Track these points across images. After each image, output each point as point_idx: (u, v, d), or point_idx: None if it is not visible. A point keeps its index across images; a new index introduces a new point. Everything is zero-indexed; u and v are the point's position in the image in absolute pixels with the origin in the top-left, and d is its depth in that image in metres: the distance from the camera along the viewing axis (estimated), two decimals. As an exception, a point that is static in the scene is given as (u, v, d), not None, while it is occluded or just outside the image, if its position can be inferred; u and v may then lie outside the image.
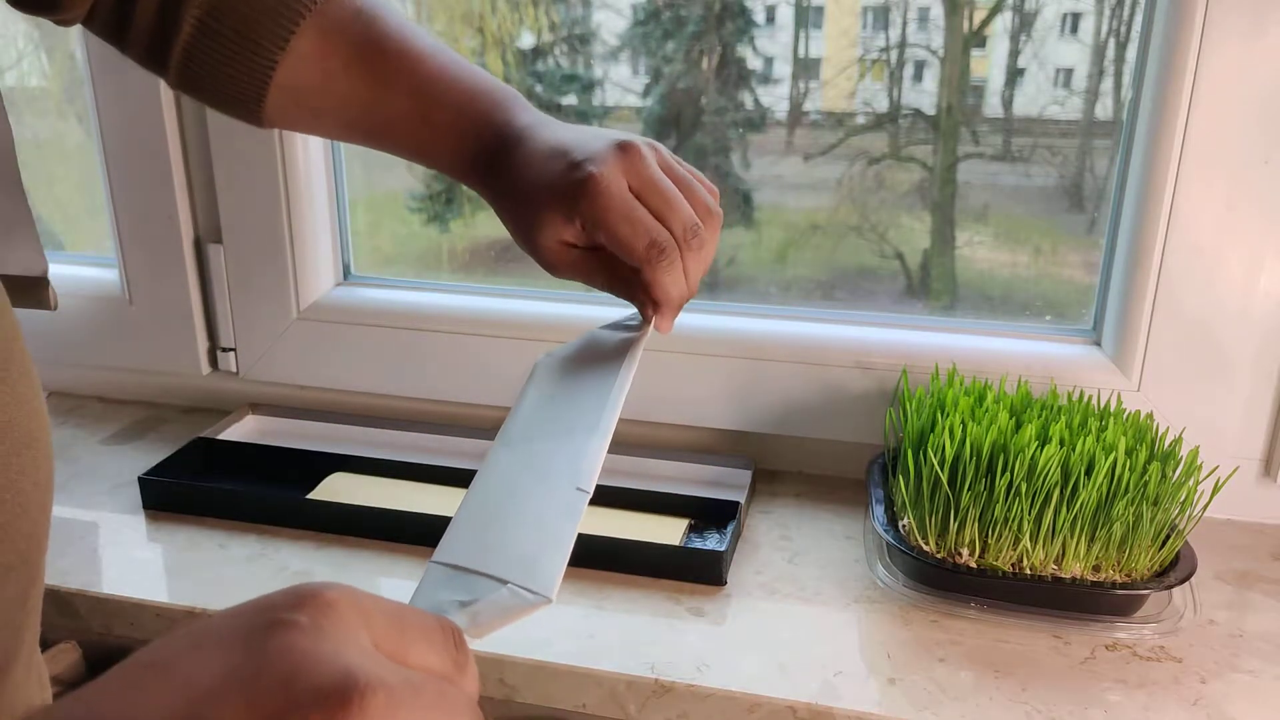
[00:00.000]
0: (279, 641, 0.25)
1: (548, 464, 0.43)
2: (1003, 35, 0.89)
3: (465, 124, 0.55)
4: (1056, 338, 0.82)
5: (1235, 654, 0.63)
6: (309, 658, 0.24)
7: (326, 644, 0.25)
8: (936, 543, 0.66)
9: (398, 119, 0.55)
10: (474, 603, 0.35)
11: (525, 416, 0.47)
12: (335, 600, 0.26)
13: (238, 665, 0.24)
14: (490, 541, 0.39)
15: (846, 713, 0.57)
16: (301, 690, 0.24)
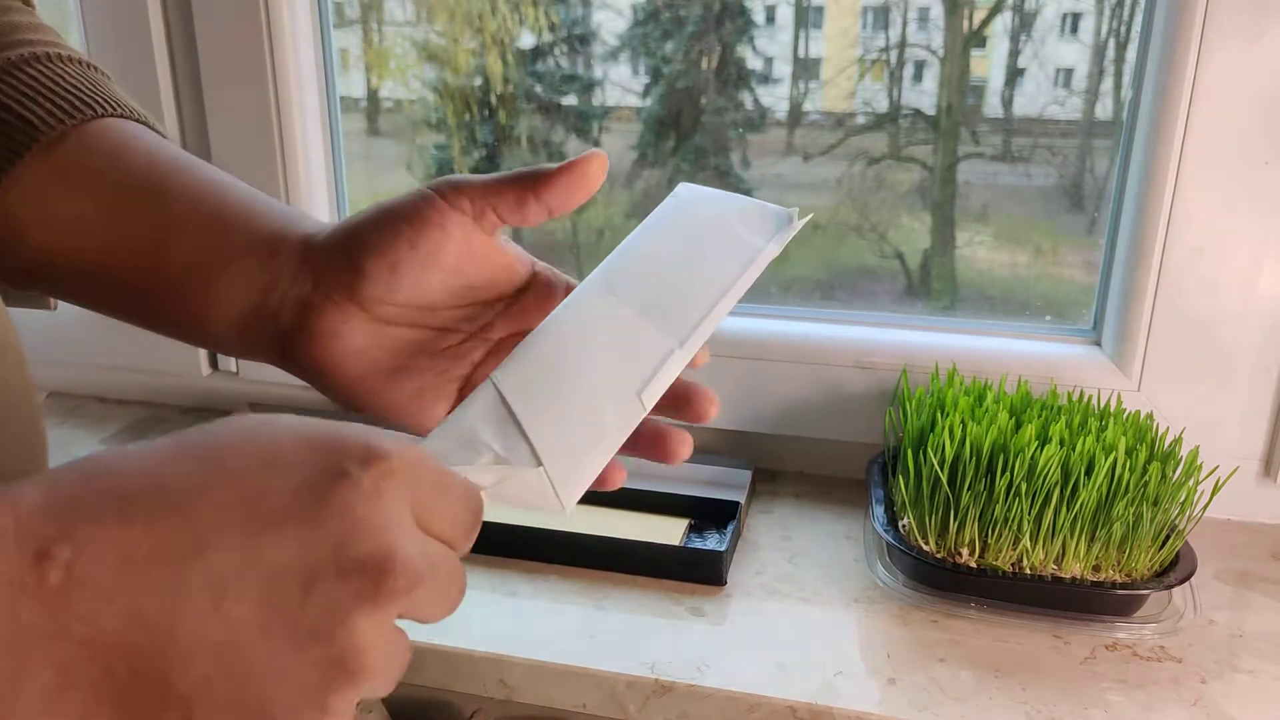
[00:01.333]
0: (341, 500, 0.27)
1: (629, 339, 0.40)
2: (1003, 35, 0.89)
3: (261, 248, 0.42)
4: (1056, 338, 0.82)
5: (1235, 654, 0.63)
6: (362, 526, 0.27)
7: (380, 516, 0.27)
8: (936, 542, 0.66)
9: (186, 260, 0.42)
10: (506, 466, 0.36)
11: (637, 256, 0.44)
12: (396, 468, 0.28)
13: (300, 510, 0.26)
14: (549, 401, 0.38)
15: (846, 713, 0.57)
16: (348, 555, 0.26)
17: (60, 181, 0.41)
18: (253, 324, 0.41)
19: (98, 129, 0.42)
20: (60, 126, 0.41)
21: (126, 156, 0.42)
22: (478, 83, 1.00)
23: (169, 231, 0.41)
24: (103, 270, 0.42)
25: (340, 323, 0.40)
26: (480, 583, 0.69)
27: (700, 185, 0.47)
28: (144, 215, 0.41)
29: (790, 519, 0.79)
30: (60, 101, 0.42)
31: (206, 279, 0.41)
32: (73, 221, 0.41)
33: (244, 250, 0.41)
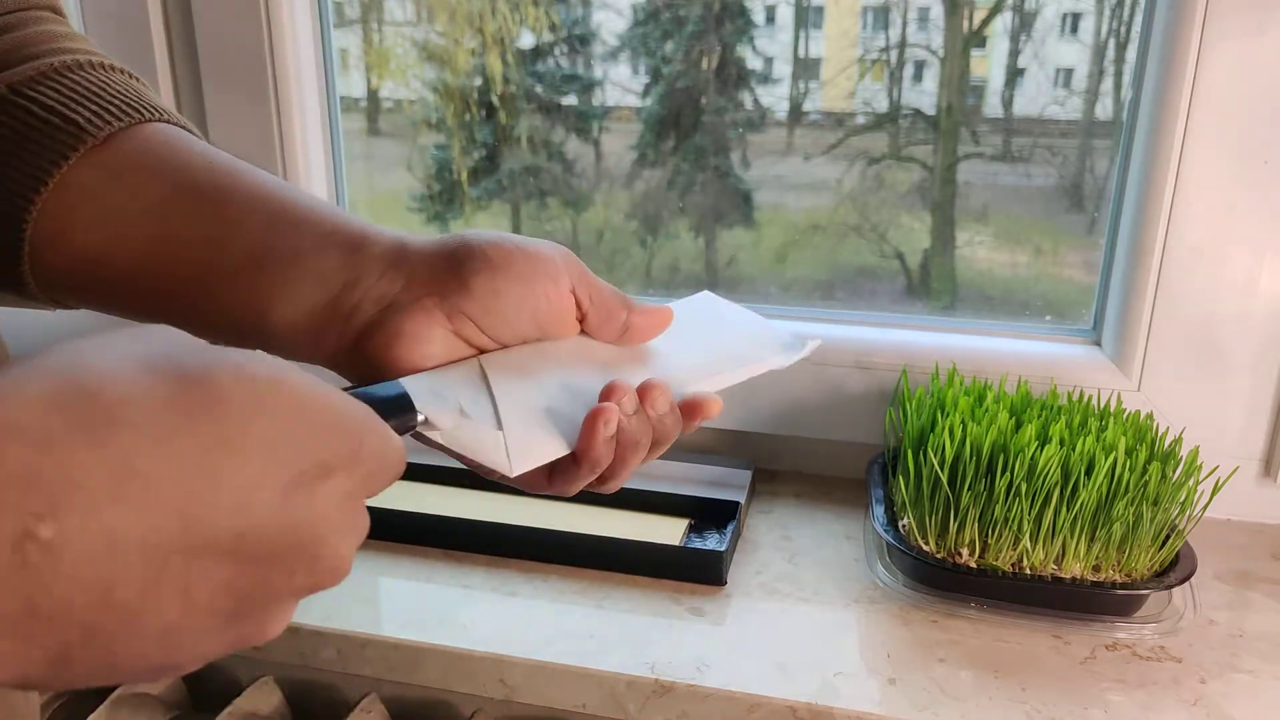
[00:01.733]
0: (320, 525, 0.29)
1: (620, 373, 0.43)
2: (1003, 35, 0.89)
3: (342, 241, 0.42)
4: (1056, 338, 0.82)
5: (1235, 654, 0.63)
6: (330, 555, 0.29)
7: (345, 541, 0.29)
8: (936, 543, 0.66)
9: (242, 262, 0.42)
10: (468, 419, 0.39)
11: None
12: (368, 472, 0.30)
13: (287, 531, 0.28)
14: (526, 389, 0.41)
15: (846, 713, 0.57)
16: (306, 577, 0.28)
17: (112, 181, 0.41)
18: (323, 317, 0.41)
19: (147, 132, 0.42)
20: (107, 128, 0.41)
21: (182, 157, 0.42)
22: (478, 83, 1.00)
23: (230, 227, 0.41)
24: (153, 269, 0.41)
25: (424, 326, 0.41)
26: (480, 583, 0.69)
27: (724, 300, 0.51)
28: (203, 211, 0.41)
29: (790, 519, 0.79)
30: (108, 105, 0.42)
31: (273, 273, 0.41)
32: (124, 220, 0.41)
33: (321, 244, 0.41)
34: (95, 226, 0.41)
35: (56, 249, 0.41)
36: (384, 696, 0.67)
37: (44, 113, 0.40)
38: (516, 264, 0.42)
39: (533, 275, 0.42)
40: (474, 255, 0.41)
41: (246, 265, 0.41)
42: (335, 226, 0.42)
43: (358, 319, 0.41)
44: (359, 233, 0.42)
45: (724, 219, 0.99)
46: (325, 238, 0.42)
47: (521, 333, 0.43)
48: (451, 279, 0.41)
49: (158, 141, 0.42)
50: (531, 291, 0.42)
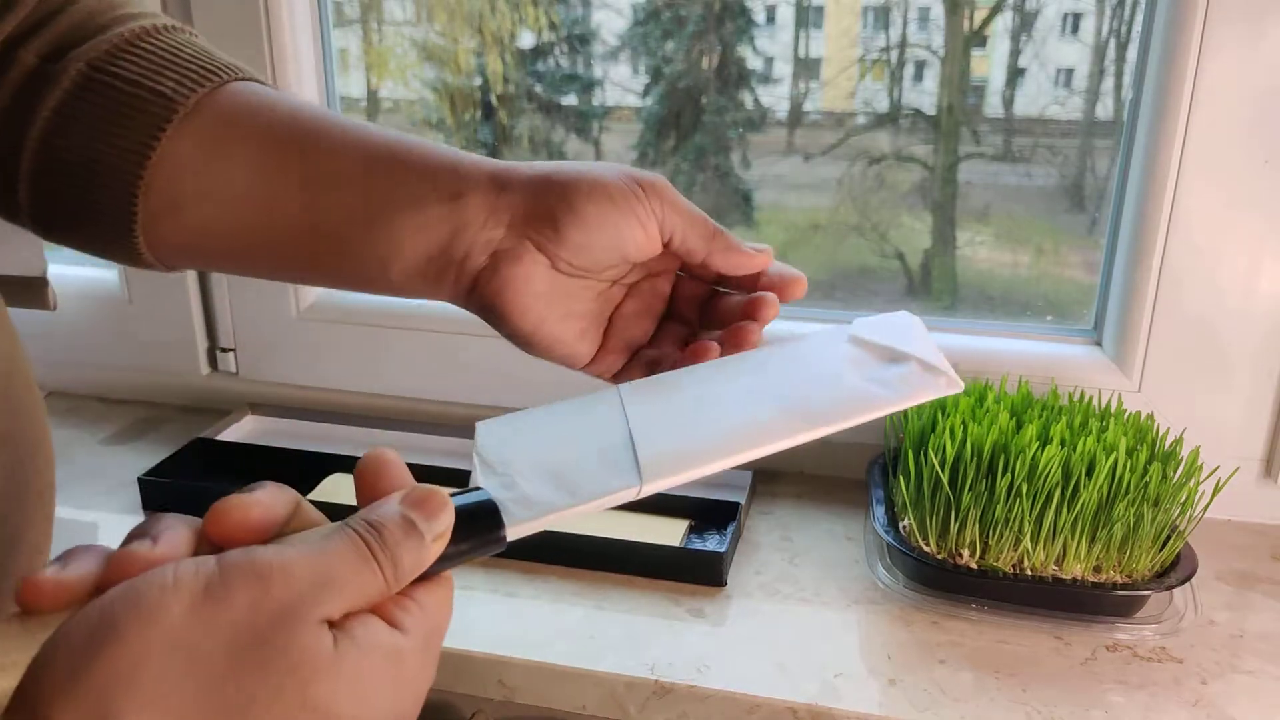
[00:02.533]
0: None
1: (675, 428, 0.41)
2: (1003, 35, 0.89)
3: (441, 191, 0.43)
4: (1057, 338, 0.82)
5: (1236, 654, 0.63)
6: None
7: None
8: (937, 543, 0.66)
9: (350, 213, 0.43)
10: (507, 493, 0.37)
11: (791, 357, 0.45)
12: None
13: None
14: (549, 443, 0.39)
15: (847, 714, 0.57)
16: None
17: (210, 150, 0.42)
18: (438, 266, 0.43)
19: (230, 94, 0.43)
20: (194, 95, 0.42)
21: (267, 117, 0.43)
22: (477, 82, 1.00)
23: (333, 184, 0.42)
24: (265, 233, 0.43)
25: (529, 267, 0.43)
26: (480, 583, 0.69)
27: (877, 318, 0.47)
28: (298, 172, 0.42)
29: (790, 520, 0.79)
30: (187, 71, 0.42)
31: (383, 227, 0.42)
32: (229, 189, 0.42)
33: (421, 195, 0.42)
34: (201, 197, 0.42)
35: (171, 221, 0.42)
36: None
37: (131, 88, 0.41)
38: (607, 213, 0.43)
39: (622, 221, 0.43)
40: (567, 205, 0.43)
41: (351, 223, 0.43)
42: (432, 174, 0.43)
43: (470, 265, 0.43)
44: (455, 177, 0.43)
45: (724, 219, 0.99)
46: (425, 189, 0.43)
47: (612, 265, 0.45)
48: (547, 227, 0.43)
49: (241, 103, 0.43)
50: (619, 238, 0.43)
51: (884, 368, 0.44)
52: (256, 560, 0.28)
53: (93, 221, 0.42)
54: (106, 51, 0.42)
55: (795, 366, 0.44)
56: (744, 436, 0.39)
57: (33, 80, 0.41)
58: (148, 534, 0.30)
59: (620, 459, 0.38)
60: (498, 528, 0.35)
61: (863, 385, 0.43)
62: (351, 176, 0.42)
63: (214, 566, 0.28)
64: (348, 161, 0.43)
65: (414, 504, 0.32)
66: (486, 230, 0.43)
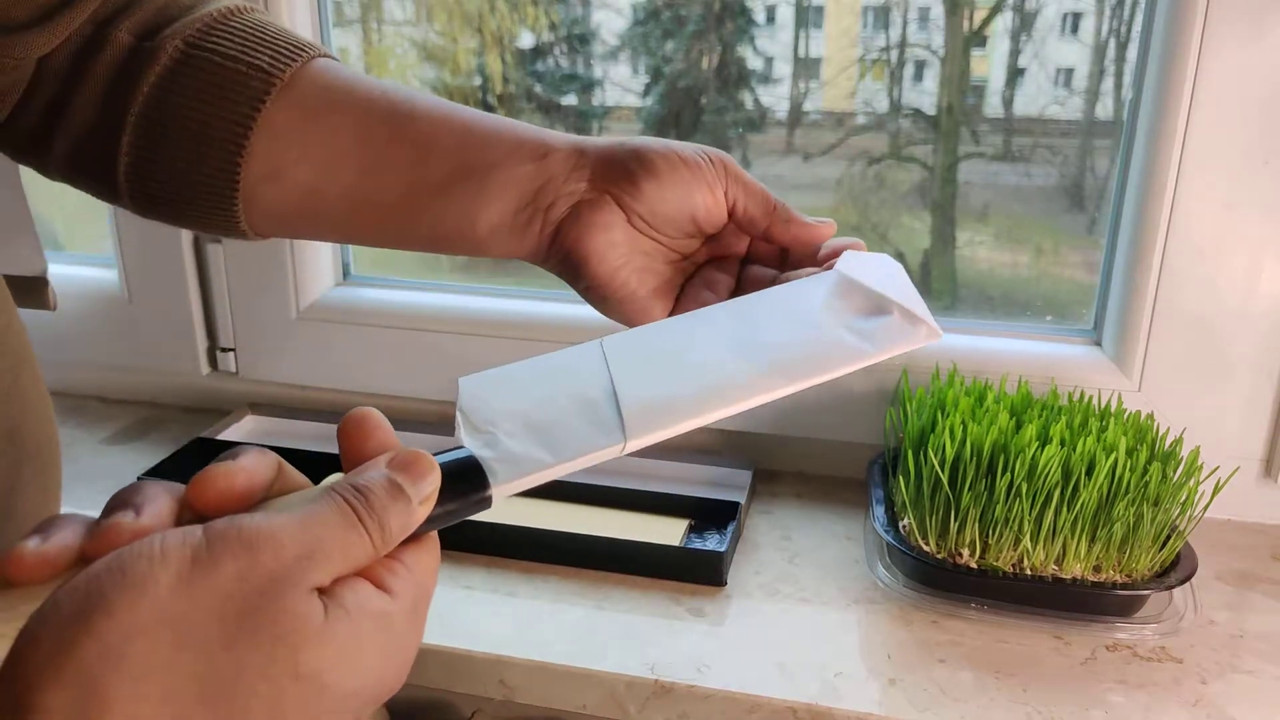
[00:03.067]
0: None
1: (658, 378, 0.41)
2: (1003, 35, 0.89)
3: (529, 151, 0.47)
4: (1057, 338, 0.82)
5: (1235, 654, 0.63)
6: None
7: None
8: (937, 543, 0.66)
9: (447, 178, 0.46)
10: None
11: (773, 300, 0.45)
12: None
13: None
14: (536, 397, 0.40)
15: (847, 713, 0.57)
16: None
17: (308, 120, 0.45)
18: (525, 216, 0.46)
19: (318, 69, 0.46)
20: (288, 68, 0.44)
21: (361, 89, 0.46)
22: (477, 82, 1.00)
23: (425, 148, 0.46)
24: (362, 194, 0.46)
25: (609, 216, 0.46)
26: (480, 583, 0.69)
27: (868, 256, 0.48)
28: (398, 136, 0.45)
29: (790, 519, 0.79)
30: (276, 47, 0.45)
31: (473, 183, 0.46)
32: (328, 153, 0.45)
33: (511, 153, 0.46)
34: (303, 163, 0.45)
35: (271, 189, 0.45)
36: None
37: (229, 63, 0.43)
38: (680, 173, 0.47)
39: (693, 183, 0.47)
40: (644, 163, 0.46)
41: (447, 181, 0.46)
42: (519, 138, 0.47)
43: (554, 214, 0.46)
44: (541, 141, 0.47)
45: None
46: (514, 149, 0.46)
47: (683, 228, 0.48)
48: (625, 181, 0.46)
49: (333, 77, 0.46)
50: (690, 198, 0.47)
51: (865, 319, 0.44)
52: (244, 529, 0.28)
53: (194, 192, 0.44)
54: (199, 30, 0.44)
55: (777, 314, 0.44)
56: (726, 392, 0.39)
57: (132, 58, 0.43)
58: (130, 504, 0.30)
59: (605, 416, 0.38)
60: (483, 488, 0.35)
61: (844, 336, 0.43)
62: (447, 141, 0.46)
63: (201, 537, 0.28)
64: (442, 128, 0.46)
65: (400, 467, 0.33)
66: (570, 183, 0.46)
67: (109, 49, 0.43)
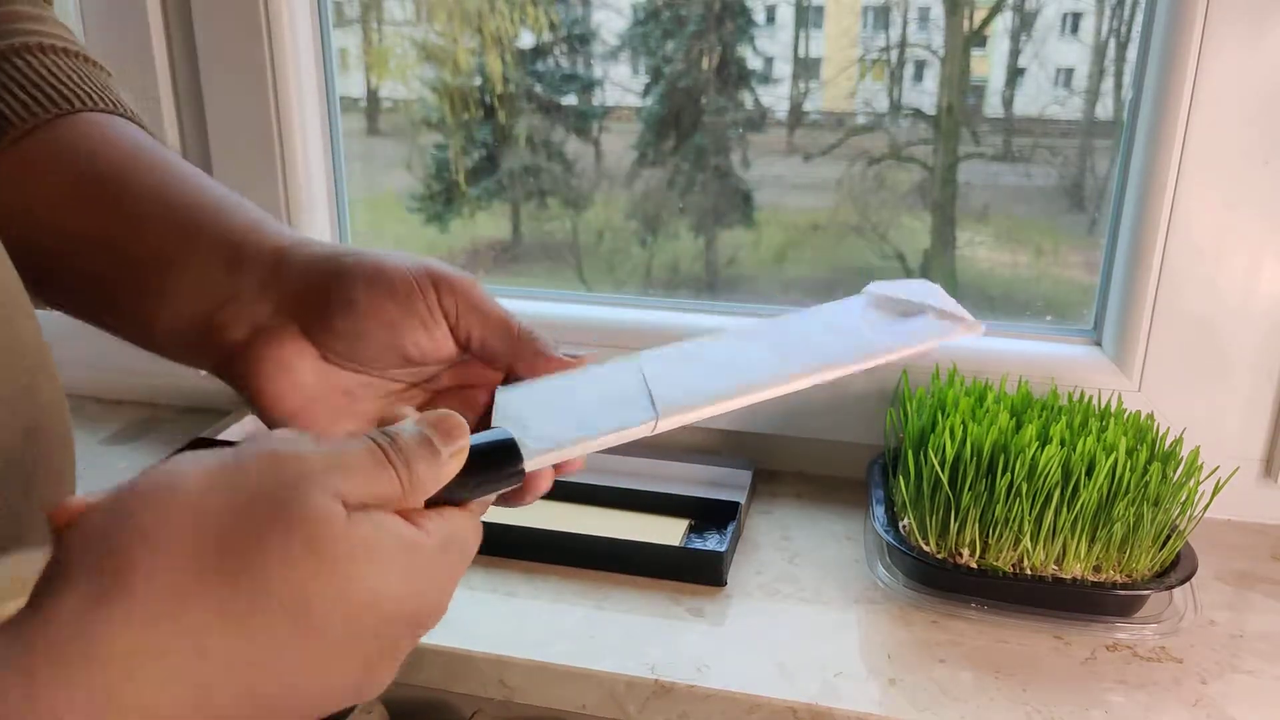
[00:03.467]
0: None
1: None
2: (1003, 35, 0.89)
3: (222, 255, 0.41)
4: (1057, 338, 0.82)
5: (1236, 654, 0.63)
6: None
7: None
8: (937, 543, 0.66)
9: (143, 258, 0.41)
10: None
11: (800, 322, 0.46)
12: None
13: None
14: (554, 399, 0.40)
15: (847, 713, 0.57)
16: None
17: (27, 173, 0.40)
18: (202, 331, 0.41)
19: (76, 123, 0.42)
20: (33, 119, 0.41)
21: (97, 150, 0.41)
22: (477, 82, 1.00)
23: (129, 225, 0.41)
24: (59, 264, 0.41)
25: (292, 355, 0.40)
26: (480, 583, 0.69)
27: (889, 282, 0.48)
28: (104, 207, 0.41)
29: (790, 519, 0.79)
30: (43, 94, 0.41)
31: (164, 276, 0.40)
32: (37, 212, 0.41)
33: (208, 252, 0.40)
34: (14, 217, 0.40)
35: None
36: (384, 697, 0.67)
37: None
38: (385, 308, 0.40)
39: (402, 320, 0.40)
40: (343, 294, 0.40)
41: (137, 270, 0.40)
42: (226, 231, 0.41)
43: (229, 337, 0.40)
44: (243, 241, 0.41)
45: (724, 219, 0.99)
46: (213, 245, 0.40)
47: (389, 367, 0.41)
48: (317, 314, 0.40)
49: (78, 132, 0.41)
50: (397, 338, 0.40)
51: (900, 321, 0.45)
52: (273, 443, 0.30)
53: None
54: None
55: (816, 324, 0.45)
56: (759, 378, 0.40)
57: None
58: None
59: (636, 399, 0.39)
60: (516, 460, 0.35)
61: (879, 335, 0.44)
62: (152, 225, 0.41)
63: (230, 450, 0.29)
64: (153, 207, 0.41)
65: (430, 423, 0.33)
66: (252, 305, 0.40)
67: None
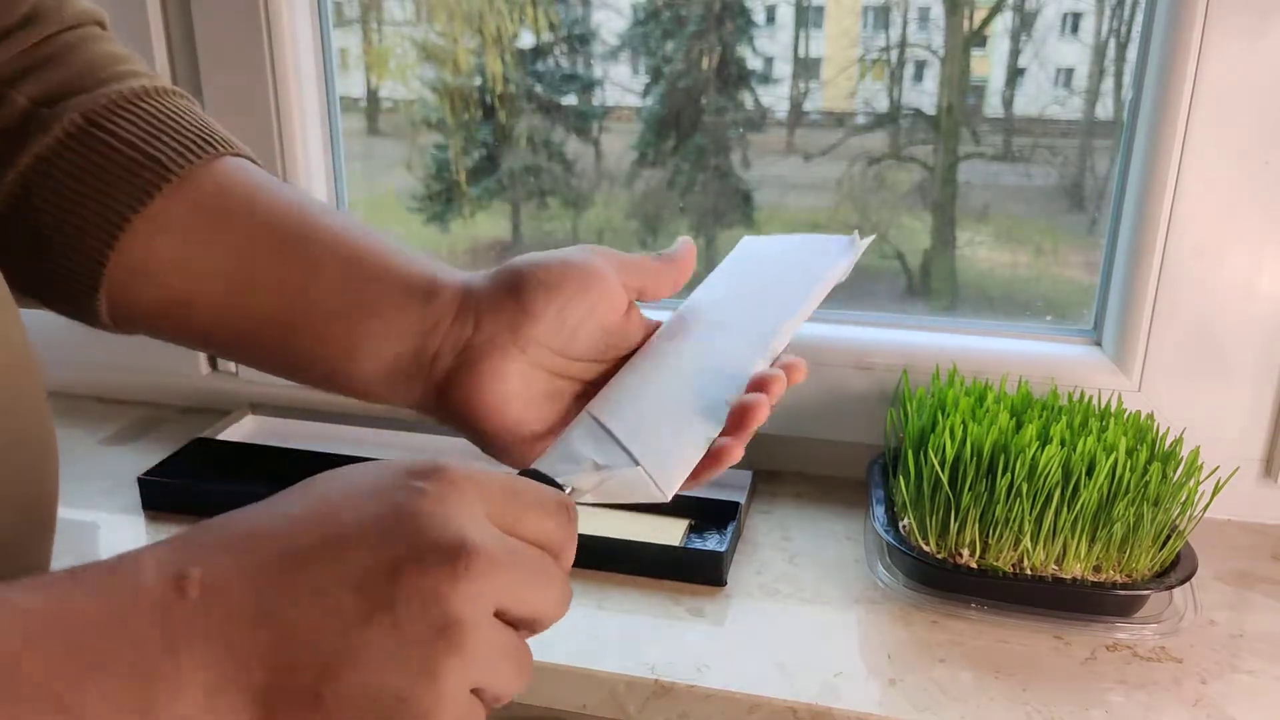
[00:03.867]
0: (410, 504, 0.31)
1: (715, 358, 0.44)
2: (1003, 35, 0.89)
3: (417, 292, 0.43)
4: (1057, 338, 0.82)
5: (1235, 654, 0.63)
6: (432, 519, 0.30)
7: (446, 511, 0.31)
8: (937, 543, 0.66)
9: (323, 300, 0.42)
10: (606, 469, 0.39)
11: (716, 294, 0.49)
12: (458, 479, 0.32)
13: (376, 515, 0.31)
14: (642, 417, 0.41)
15: (847, 713, 0.57)
16: (421, 543, 0.30)
17: (193, 222, 0.41)
18: (407, 367, 0.42)
19: (223, 169, 0.42)
20: (188, 166, 0.41)
21: (261, 200, 0.42)
22: (477, 82, 1.00)
23: (311, 276, 0.42)
24: (234, 313, 0.42)
25: (501, 363, 0.42)
26: (480, 583, 0.69)
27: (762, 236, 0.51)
28: (284, 257, 0.42)
29: (790, 519, 0.79)
30: (184, 139, 0.41)
31: (354, 323, 0.42)
32: (205, 264, 0.41)
33: (398, 294, 0.42)
34: (179, 268, 0.41)
35: (137, 288, 0.41)
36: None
37: (126, 149, 0.40)
38: (571, 279, 0.42)
39: (589, 285, 0.43)
40: (529, 280, 0.42)
41: (326, 316, 0.42)
42: (410, 276, 0.43)
43: (439, 367, 0.42)
44: (430, 280, 0.43)
45: (724, 219, 0.99)
46: (402, 287, 0.42)
47: (592, 343, 0.44)
48: (515, 309, 0.42)
49: (235, 181, 0.42)
50: (593, 302, 0.43)
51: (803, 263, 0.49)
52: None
53: (55, 277, 0.41)
54: (104, 106, 0.41)
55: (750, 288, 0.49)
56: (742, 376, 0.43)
57: (23, 122, 0.40)
58: None
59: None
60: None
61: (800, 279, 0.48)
62: (332, 273, 0.42)
63: None
64: (331, 256, 0.42)
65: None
66: (455, 328, 0.42)
67: (3, 109, 0.40)
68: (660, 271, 0.46)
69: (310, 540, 0.30)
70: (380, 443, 0.88)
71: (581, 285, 0.42)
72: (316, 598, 0.29)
